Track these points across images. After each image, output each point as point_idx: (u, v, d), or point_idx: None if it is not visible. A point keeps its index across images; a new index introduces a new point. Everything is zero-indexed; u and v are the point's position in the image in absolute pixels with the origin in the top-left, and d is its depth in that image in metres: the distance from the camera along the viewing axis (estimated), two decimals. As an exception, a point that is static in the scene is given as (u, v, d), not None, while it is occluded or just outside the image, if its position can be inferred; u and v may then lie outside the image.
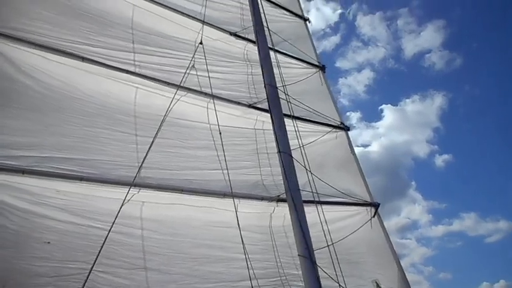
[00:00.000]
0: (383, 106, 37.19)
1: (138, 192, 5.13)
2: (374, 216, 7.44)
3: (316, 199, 6.24)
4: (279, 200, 6.36)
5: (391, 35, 36.31)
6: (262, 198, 6.32)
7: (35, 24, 5.76)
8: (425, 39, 35.66)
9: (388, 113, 37.28)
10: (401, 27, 35.89)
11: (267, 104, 6.35)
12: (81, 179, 4.91)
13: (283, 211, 6.29)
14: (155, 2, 7.26)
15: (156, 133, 5.73)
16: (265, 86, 6.34)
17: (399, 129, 37.03)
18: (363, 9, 36.60)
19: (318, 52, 9.12)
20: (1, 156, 4.58)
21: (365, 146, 34.03)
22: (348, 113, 35.37)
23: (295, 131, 6.31)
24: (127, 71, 6.21)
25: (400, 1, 37.88)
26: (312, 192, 6.19)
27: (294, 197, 5.35)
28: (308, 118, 7.48)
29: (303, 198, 5.51)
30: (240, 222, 5.41)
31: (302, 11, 9.90)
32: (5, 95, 4.96)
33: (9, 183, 4.58)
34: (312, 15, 35.03)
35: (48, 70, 5.47)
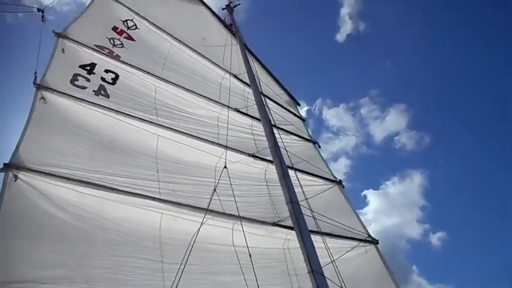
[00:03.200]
0: (365, 192, 37.09)
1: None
2: None
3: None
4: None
5: (358, 123, 39.01)
6: (298, 326, 5.79)
7: (69, 159, 6.11)
8: (391, 123, 38.14)
9: (372, 197, 37.16)
10: (366, 114, 38.53)
11: (291, 221, 6.29)
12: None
13: None
14: (177, 131, 7.78)
15: (183, 261, 5.54)
16: (287, 204, 6.36)
17: (387, 212, 36.49)
18: (326, 103, 40.14)
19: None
20: None
21: (357, 235, 32.48)
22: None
23: (325, 248, 6.11)
24: (153, 198, 6.33)
25: (359, 92, 41.27)
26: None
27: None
28: (334, 233, 7.33)
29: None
30: None
31: (311, 135, 10.63)
32: (40, 228, 5.01)
33: None
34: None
35: (81, 203, 5.62)
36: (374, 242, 7.71)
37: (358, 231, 7.76)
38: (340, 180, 8.91)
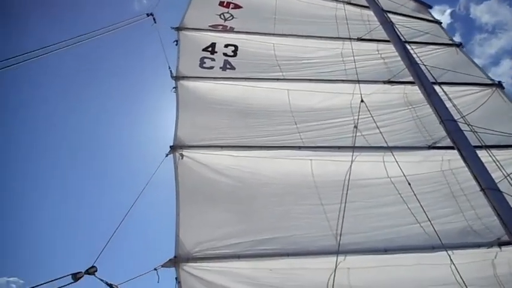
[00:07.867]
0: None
1: (344, 259, 5.08)
2: None
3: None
4: (501, 243, 5.39)
5: (521, 14, 29.45)
6: (479, 246, 5.46)
7: (216, 131, 6.84)
8: None
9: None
10: (531, 1, 28.96)
11: (448, 141, 5.78)
12: (287, 255, 5.17)
13: (507, 256, 5.41)
14: (304, 79, 7.84)
15: (342, 199, 5.76)
16: (441, 123, 5.81)
17: None
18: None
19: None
20: (216, 247, 5.23)
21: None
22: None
23: (494, 161, 5.44)
24: (299, 147, 6.64)
25: (516, -26, 30.76)
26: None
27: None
28: (503, 143, 6.45)
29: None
30: (459, 276, 4.75)
31: (451, 38, 9.24)
32: (210, 194, 5.86)
33: (227, 270, 5.11)
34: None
35: (238, 165, 6.29)
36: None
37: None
38: (500, 82, 7.60)
